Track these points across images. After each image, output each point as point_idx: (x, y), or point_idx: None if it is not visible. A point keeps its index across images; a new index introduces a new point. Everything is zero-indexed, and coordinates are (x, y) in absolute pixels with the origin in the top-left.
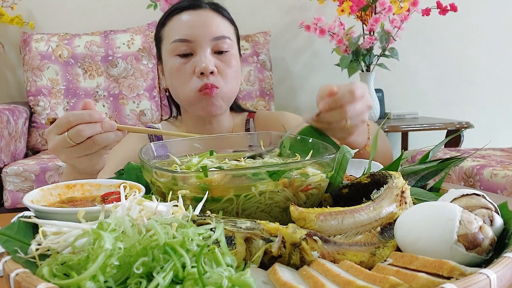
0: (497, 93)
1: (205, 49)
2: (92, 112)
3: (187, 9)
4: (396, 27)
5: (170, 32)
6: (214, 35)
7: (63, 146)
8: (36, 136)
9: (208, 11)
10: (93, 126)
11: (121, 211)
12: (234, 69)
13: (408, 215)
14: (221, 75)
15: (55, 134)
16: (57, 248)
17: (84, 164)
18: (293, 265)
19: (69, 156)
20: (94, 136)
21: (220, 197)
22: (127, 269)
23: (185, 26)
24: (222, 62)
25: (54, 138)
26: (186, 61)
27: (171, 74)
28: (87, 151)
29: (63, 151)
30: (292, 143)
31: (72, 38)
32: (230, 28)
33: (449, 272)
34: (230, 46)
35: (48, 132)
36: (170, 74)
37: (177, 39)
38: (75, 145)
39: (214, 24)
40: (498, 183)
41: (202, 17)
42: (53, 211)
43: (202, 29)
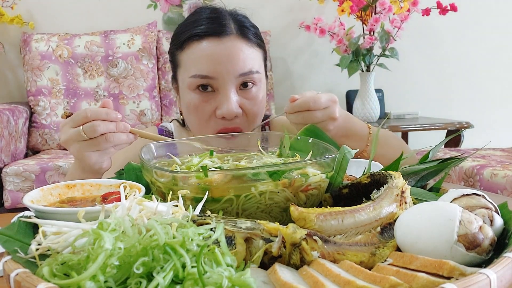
0: (497, 93)
1: (229, 87)
2: (109, 111)
3: (209, 36)
4: (396, 27)
5: (189, 62)
6: (240, 72)
7: (76, 139)
8: (36, 136)
9: (234, 39)
10: (107, 123)
11: (121, 211)
12: (261, 104)
13: (408, 215)
14: (246, 114)
15: (70, 127)
16: (57, 248)
17: (92, 160)
18: (293, 265)
19: (79, 149)
20: (107, 133)
21: (220, 197)
22: (127, 269)
23: (207, 60)
24: (247, 100)
25: (68, 130)
26: (206, 98)
27: (188, 110)
28: (98, 147)
29: (75, 144)
30: (292, 143)
31: (72, 38)
32: (258, 55)
33: (449, 272)
34: (257, 79)
35: (63, 125)
36: (187, 108)
37: (198, 75)
38: (87, 139)
39: (241, 57)
40: (498, 183)
41: (227, 49)
42: (53, 211)
43: (226, 64)
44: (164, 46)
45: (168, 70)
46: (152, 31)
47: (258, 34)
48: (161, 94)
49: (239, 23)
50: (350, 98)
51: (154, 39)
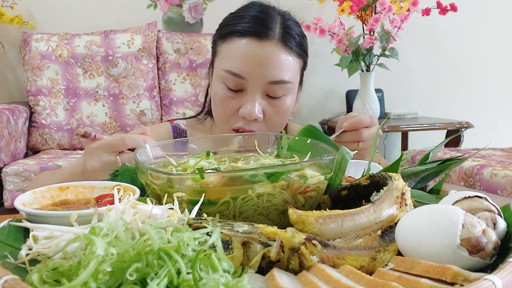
0: (497, 93)
1: (256, 91)
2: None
3: (252, 36)
4: (396, 27)
5: (226, 55)
6: (271, 79)
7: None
8: (36, 136)
9: (275, 45)
10: None
11: (114, 214)
12: (284, 114)
13: (410, 218)
14: (266, 122)
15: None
16: (48, 253)
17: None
18: (292, 270)
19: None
20: None
21: (216, 199)
22: (120, 275)
23: (242, 59)
24: (272, 108)
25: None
26: (233, 96)
27: (214, 99)
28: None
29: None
30: (290, 144)
31: (72, 38)
32: (295, 65)
33: (453, 278)
34: (287, 90)
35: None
36: (214, 98)
37: (230, 71)
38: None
39: (275, 65)
40: (498, 183)
41: (264, 54)
42: (45, 214)
43: (259, 69)
44: (164, 46)
45: (168, 70)
46: (152, 31)
47: (302, 43)
48: (161, 94)
49: (285, 29)
50: (350, 98)
51: (154, 39)
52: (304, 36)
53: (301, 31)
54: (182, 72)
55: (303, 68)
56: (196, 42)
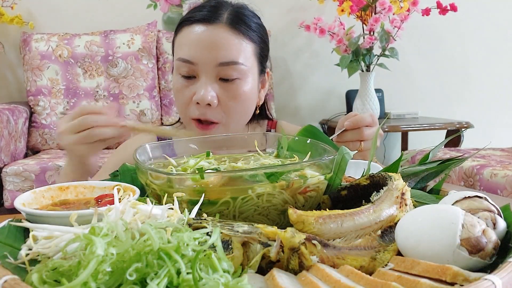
0: (497, 93)
1: (208, 75)
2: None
3: (200, 22)
4: (396, 27)
5: (178, 45)
6: (220, 60)
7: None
8: (36, 136)
9: (223, 28)
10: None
11: (114, 214)
12: (241, 99)
13: (409, 218)
14: (222, 107)
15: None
16: (48, 253)
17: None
18: (292, 270)
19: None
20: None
21: (216, 199)
22: (120, 275)
23: (191, 45)
24: (226, 92)
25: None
26: (187, 84)
27: (173, 90)
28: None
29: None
30: (290, 144)
31: (72, 38)
32: (248, 49)
33: (453, 278)
34: (240, 73)
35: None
36: (173, 90)
37: (181, 58)
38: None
39: (224, 46)
40: (498, 183)
41: (211, 36)
42: (44, 214)
43: (208, 51)
44: (164, 46)
45: (168, 70)
46: (152, 31)
47: (255, 29)
48: (161, 94)
49: (235, 15)
50: (350, 98)
51: (154, 39)
52: (261, 26)
53: (257, 21)
54: None
55: (261, 55)
56: None
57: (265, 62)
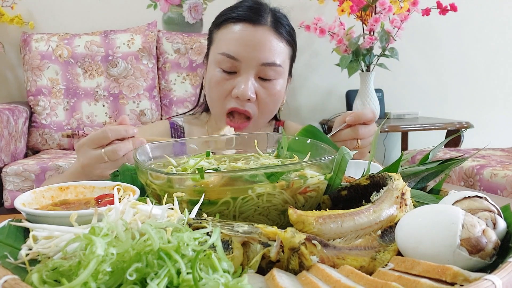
0: (497, 93)
1: (250, 72)
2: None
3: (245, 21)
4: (396, 27)
5: (221, 40)
6: (263, 61)
7: (98, 162)
8: (36, 136)
9: (267, 30)
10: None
11: (114, 214)
12: (275, 98)
13: (410, 218)
14: (258, 103)
15: (90, 148)
16: (48, 253)
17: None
18: (292, 270)
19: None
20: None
21: (216, 199)
22: (120, 275)
23: (237, 42)
24: (264, 90)
25: (88, 152)
26: (228, 77)
27: (210, 83)
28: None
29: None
30: (290, 144)
31: (72, 38)
32: (285, 51)
33: (453, 278)
34: (278, 74)
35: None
36: (209, 82)
37: (225, 53)
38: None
39: (267, 48)
40: (498, 183)
41: (257, 37)
42: (44, 214)
43: (253, 51)
44: (164, 46)
45: (168, 70)
46: (152, 31)
47: (291, 33)
48: (161, 94)
49: (275, 18)
50: (350, 98)
51: (154, 39)
52: (293, 29)
53: (290, 24)
54: (182, 72)
55: (292, 59)
56: (196, 42)
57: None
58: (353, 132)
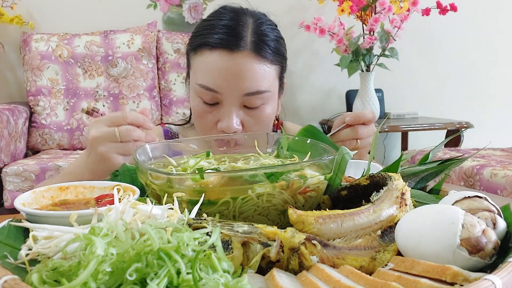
0: (497, 93)
1: (233, 104)
2: (147, 119)
3: (222, 48)
4: (396, 27)
5: (198, 68)
6: (246, 91)
7: (108, 139)
8: (36, 136)
9: (247, 56)
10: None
11: (114, 214)
12: (265, 123)
13: (409, 218)
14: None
15: (104, 125)
16: (48, 253)
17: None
18: (292, 270)
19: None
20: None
21: (216, 199)
22: (120, 275)
23: (215, 74)
24: (251, 118)
25: (101, 128)
26: (210, 109)
27: (193, 112)
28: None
29: (106, 143)
30: (290, 144)
31: (72, 38)
32: (271, 73)
33: (453, 278)
34: (265, 99)
35: (96, 121)
36: (193, 110)
37: (204, 85)
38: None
39: (249, 76)
40: (498, 183)
41: (236, 66)
42: (44, 214)
43: (233, 81)
44: (164, 46)
45: (168, 70)
46: (152, 31)
47: (278, 49)
48: (161, 94)
49: (257, 36)
50: (350, 98)
51: (154, 39)
52: (280, 39)
53: (277, 34)
54: (182, 72)
55: (282, 73)
56: None
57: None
58: (353, 132)
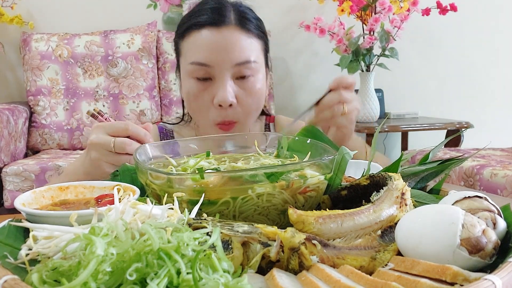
0: (497, 93)
1: (225, 76)
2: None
3: (208, 26)
4: (396, 27)
5: (189, 50)
6: (236, 61)
7: (102, 146)
8: (36, 136)
9: (233, 29)
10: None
11: (114, 214)
12: (257, 96)
13: (409, 218)
14: (241, 105)
15: (104, 132)
16: (48, 253)
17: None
18: (292, 270)
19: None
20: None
21: (216, 199)
22: (120, 275)
23: (205, 49)
24: (243, 90)
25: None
26: (204, 87)
27: (188, 97)
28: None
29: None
30: (290, 144)
31: (72, 38)
32: (257, 46)
33: (453, 278)
34: (254, 71)
35: (98, 126)
36: (187, 96)
37: (196, 61)
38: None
39: (237, 47)
40: (498, 183)
41: (224, 39)
42: (44, 214)
43: (223, 53)
44: (164, 46)
45: (168, 70)
46: (152, 31)
47: (260, 26)
48: (161, 94)
49: (240, 14)
50: None
51: (154, 39)
52: (260, 20)
53: (256, 15)
54: None
55: (266, 50)
56: None
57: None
58: (337, 95)
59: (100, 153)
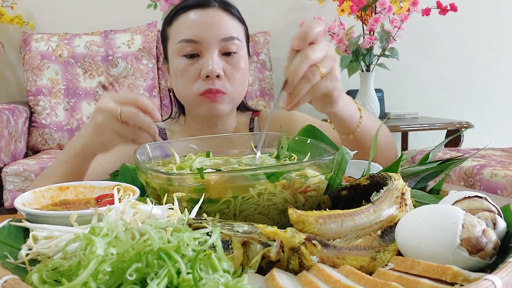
0: (497, 93)
1: (212, 50)
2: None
3: (194, 8)
4: (396, 27)
5: (177, 31)
6: (222, 36)
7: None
8: (36, 135)
9: (217, 10)
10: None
11: (114, 214)
12: (242, 72)
13: (410, 218)
14: (228, 79)
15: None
16: (48, 253)
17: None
18: (292, 270)
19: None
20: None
21: (217, 198)
22: (120, 275)
23: (192, 26)
24: (229, 65)
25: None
26: (192, 62)
27: (176, 75)
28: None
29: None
30: (290, 144)
31: (72, 38)
32: (239, 28)
33: (453, 278)
34: (238, 48)
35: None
36: (175, 74)
37: (184, 39)
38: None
39: (222, 24)
40: (498, 183)
41: (210, 17)
42: (44, 214)
43: (209, 29)
44: None
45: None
46: (152, 31)
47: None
48: (161, 94)
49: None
50: None
51: (154, 39)
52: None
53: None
54: None
55: (247, 38)
56: None
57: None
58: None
59: (106, 119)
